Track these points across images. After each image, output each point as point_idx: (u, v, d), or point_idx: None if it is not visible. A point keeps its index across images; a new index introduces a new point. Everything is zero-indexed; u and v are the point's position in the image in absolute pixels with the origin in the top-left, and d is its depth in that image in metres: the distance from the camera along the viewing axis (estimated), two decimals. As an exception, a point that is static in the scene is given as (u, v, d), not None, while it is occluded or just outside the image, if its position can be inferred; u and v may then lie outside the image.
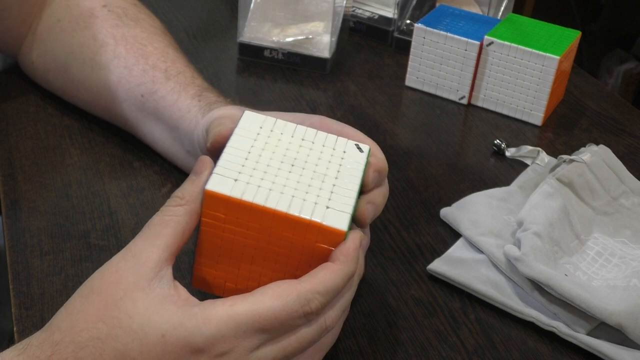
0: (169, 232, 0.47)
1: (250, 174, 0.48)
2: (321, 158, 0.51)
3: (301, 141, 0.52)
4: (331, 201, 0.48)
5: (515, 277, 0.62)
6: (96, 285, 0.46)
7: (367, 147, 0.53)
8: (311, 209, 0.47)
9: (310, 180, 0.49)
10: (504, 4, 1.01)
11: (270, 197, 0.47)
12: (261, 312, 0.44)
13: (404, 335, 0.58)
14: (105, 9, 0.75)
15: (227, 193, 0.47)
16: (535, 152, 0.79)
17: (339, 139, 0.53)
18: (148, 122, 0.70)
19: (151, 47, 0.72)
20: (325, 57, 0.93)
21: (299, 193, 0.48)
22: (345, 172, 0.51)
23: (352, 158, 0.52)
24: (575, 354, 0.58)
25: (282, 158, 0.50)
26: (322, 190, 0.49)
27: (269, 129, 0.52)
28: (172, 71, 0.70)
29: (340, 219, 0.48)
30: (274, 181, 0.48)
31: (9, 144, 0.75)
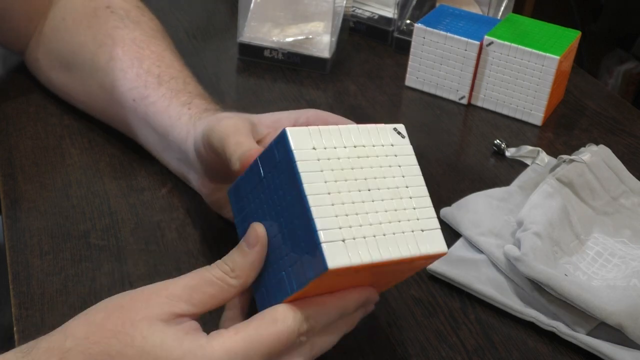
0: (211, 292, 0.47)
1: (348, 224, 0.46)
2: (382, 165, 0.49)
3: (354, 149, 0.49)
4: (420, 221, 0.49)
5: (515, 277, 0.62)
6: (120, 302, 0.46)
7: (402, 127, 0.52)
8: (415, 242, 0.48)
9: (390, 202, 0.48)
10: (504, 4, 1.01)
11: (381, 249, 0.46)
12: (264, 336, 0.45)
13: (404, 335, 0.58)
14: (108, 10, 0.76)
15: (347, 263, 0.45)
16: (535, 152, 0.79)
17: (378, 129, 0.51)
18: (140, 127, 0.70)
19: (148, 51, 0.72)
20: (325, 57, 0.93)
21: (395, 227, 0.47)
22: (408, 174, 0.50)
23: (402, 150, 0.51)
24: (575, 354, 0.58)
25: (355, 184, 0.48)
26: (406, 211, 0.49)
27: (321, 145, 0.48)
28: (165, 76, 0.70)
29: (438, 239, 0.49)
30: (369, 221, 0.47)
31: (9, 144, 0.75)
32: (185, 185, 0.70)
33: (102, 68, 0.73)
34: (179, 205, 0.69)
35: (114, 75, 0.71)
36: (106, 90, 0.72)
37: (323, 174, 0.47)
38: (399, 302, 0.61)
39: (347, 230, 0.46)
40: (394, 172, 0.50)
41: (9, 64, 0.88)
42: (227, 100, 0.86)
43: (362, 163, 0.49)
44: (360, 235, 0.46)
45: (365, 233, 0.46)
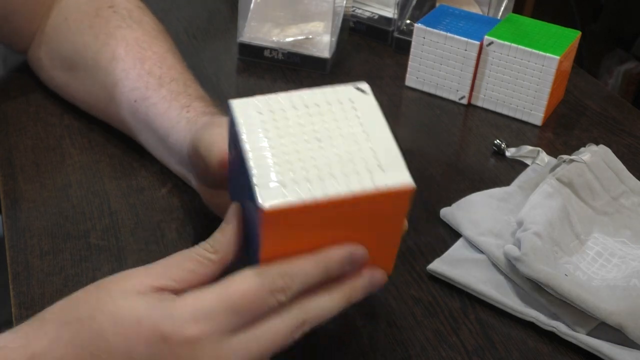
0: (190, 267, 0.47)
1: (290, 170, 0.45)
2: (337, 119, 0.48)
3: (306, 109, 0.48)
4: (380, 160, 0.46)
5: (515, 277, 0.62)
6: (102, 281, 0.47)
7: (366, 86, 0.50)
8: (370, 178, 0.45)
9: (345, 148, 0.46)
10: (504, 4, 1.01)
11: (328, 185, 0.44)
12: (228, 290, 0.44)
13: (404, 335, 0.58)
14: (111, 9, 0.76)
15: (287, 203, 0.43)
16: (535, 152, 0.79)
17: (337, 90, 0.50)
18: (141, 129, 0.70)
19: (150, 52, 0.72)
20: (325, 57, 0.93)
21: (346, 168, 0.45)
22: (369, 123, 0.48)
23: (363, 104, 0.49)
24: (575, 354, 0.58)
25: (303, 137, 0.47)
26: (363, 152, 0.46)
27: (268, 109, 0.48)
28: (166, 78, 0.69)
29: (402, 175, 0.45)
30: (316, 166, 0.45)
31: (9, 144, 0.75)
32: (185, 185, 0.70)
33: (104, 68, 0.73)
34: (179, 205, 0.69)
35: (115, 76, 0.71)
36: (108, 90, 0.72)
37: (267, 133, 0.47)
38: (399, 302, 0.61)
39: (288, 175, 0.44)
40: (350, 122, 0.48)
41: (9, 63, 0.88)
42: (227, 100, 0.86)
43: (314, 119, 0.48)
44: (303, 177, 0.44)
45: (309, 176, 0.45)
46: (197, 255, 0.48)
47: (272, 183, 0.44)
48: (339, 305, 0.48)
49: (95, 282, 0.47)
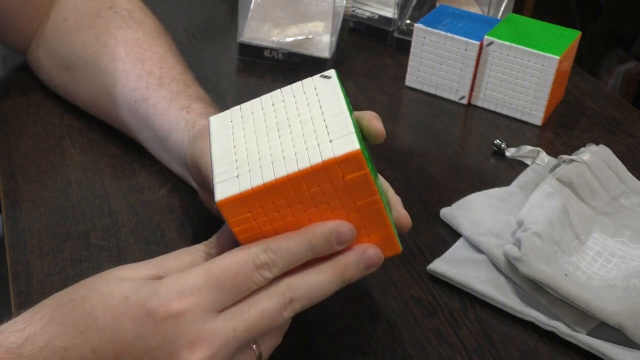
0: (186, 259, 0.48)
1: (247, 162, 0.47)
2: (299, 108, 0.49)
3: (273, 106, 0.50)
4: (330, 134, 0.46)
5: (515, 277, 0.62)
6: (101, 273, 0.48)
7: (333, 71, 0.51)
8: (317, 152, 0.45)
9: (301, 131, 0.47)
10: (504, 4, 1.01)
11: (277, 167, 0.45)
12: (212, 266, 0.45)
13: (404, 335, 0.58)
14: (112, 10, 0.76)
15: (237, 192, 0.45)
16: (535, 152, 0.79)
17: (304, 82, 0.51)
18: (141, 129, 0.70)
19: (150, 52, 0.72)
20: (325, 57, 0.93)
21: (299, 147, 0.46)
22: (327, 104, 0.49)
23: (325, 89, 0.50)
24: (575, 354, 0.58)
25: (266, 130, 0.48)
26: (317, 131, 0.47)
27: (239, 116, 0.51)
28: (166, 78, 0.70)
29: (348, 142, 0.45)
30: (272, 152, 0.46)
31: (9, 144, 0.75)
32: (185, 185, 0.70)
33: (104, 68, 0.73)
34: (179, 205, 0.69)
35: (116, 76, 0.71)
36: (108, 90, 0.72)
37: (232, 136, 0.49)
38: (399, 302, 0.61)
39: (243, 167, 0.46)
40: (311, 108, 0.49)
41: (9, 63, 0.88)
42: (227, 100, 0.86)
43: (277, 113, 0.49)
44: (257, 166, 0.46)
45: (263, 163, 0.46)
46: (196, 249, 0.49)
47: (229, 178, 0.46)
48: (330, 283, 0.48)
49: None
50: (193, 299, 0.44)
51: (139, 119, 0.69)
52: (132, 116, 0.70)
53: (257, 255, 0.45)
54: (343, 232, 0.48)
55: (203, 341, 0.44)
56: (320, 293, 0.47)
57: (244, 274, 0.45)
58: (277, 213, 0.47)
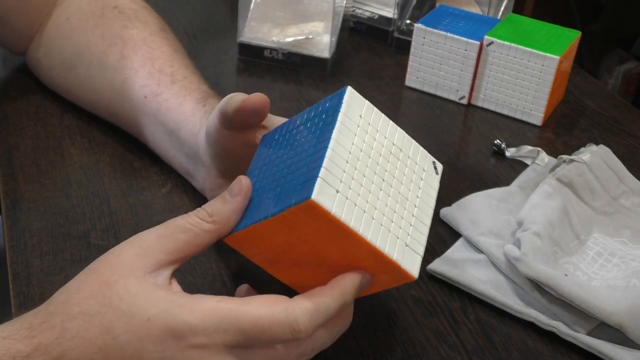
0: (184, 238, 0.48)
1: (349, 185, 0.46)
2: (406, 175, 0.50)
3: (392, 146, 0.50)
4: (410, 237, 0.48)
5: (515, 277, 0.62)
6: (96, 266, 0.48)
7: (440, 167, 0.53)
8: (394, 245, 0.47)
9: (396, 204, 0.48)
10: (504, 4, 1.01)
11: (364, 221, 0.46)
12: (245, 312, 0.45)
13: (404, 335, 0.58)
14: (116, 9, 0.76)
15: (329, 208, 0.44)
16: (535, 152, 0.79)
17: (421, 152, 0.52)
18: (148, 124, 0.70)
19: (159, 51, 0.72)
20: (325, 57, 0.93)
21: (386, 221, 0.47)
22: (423, 200, 0.50)
23: (429, 180, 0.52)
24: (575, 354, 0.58)
25: (376, 169, 0.48)
26: (404, 221, 0.48)
27: (368, 121, 0.49)
28: (178, 76, 0.70)
29: (414, 262, 0.48)
30: (368, 200, 0.46)
31: (9, 144, 0.75)
32: (186, 185, 0.70)
33: (111, 66, 0.73)
34: (179, 205, 0.69)
35: (125, 74, 0.72)
36: (114, 87, 0.72)
37: (355, 137, 0.48)
38: (399, 302, 0.61)
39: (345, 187, 0.46)
40: (412, 187, 0.50)
41: (9, 64, 0.88)
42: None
43: (391, 159, 0.50)
44: (354, 200, 0.46)
45: (358, 202, 0.46)
46: (192, 225, 0.48)
47: (331, 187, 0.45)
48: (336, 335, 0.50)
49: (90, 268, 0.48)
50: (218, 337, 0.44)
51: (148, 114, 0.70)
52: (139, 112, 0.71)
53: (295, 319, 0.45)
54: (367, 283, 0.49)
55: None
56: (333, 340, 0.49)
57: (272, 334, 0.45)
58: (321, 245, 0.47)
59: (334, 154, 0.46)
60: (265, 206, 0.47)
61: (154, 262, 0.47)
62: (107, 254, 0.48)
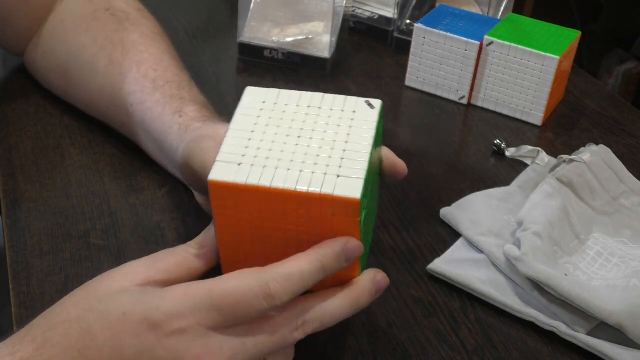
0: (173, 261, 0.48)
1: (254, 155, 0.46)
2: (329, 123, 0.49)
3: (307, 108, 0.49)
4: (342, 168, 0.46)
5: (515, 277, 0.62)
6: (87, 284, 0.48)
7: (378, 102, 0.50)
8: (320, 182, 0.45)
9: (318, 149, 0.47)
10: (504, 4, 1.01)
11: (277, 176, 0.45)
12: (216, 288, 0.44)
13: (404, 335, 0.58)
14: (108, 12, 0.75)
15: (231, 180, 0.45)
16: (535, 152, 0.79)
17: (348, 99, 0.50)
18: (139, 132, 0.70)
19: (147, 54, 0.72)
20: (325, 57, 0.93)
21: (307, 166, 0.46)
22: (356, 134, 0.48)
23: (363, 117, 0.49)
24: (575, 354, 0.58)
25: (287, 131, 0.48)
26: (332, 158, 0.46)
27: (273, 101, 0.50)
28: (160, 81, 0.69)
29: (353, 187, 0.45)
30: (281, 157, 0.46)
31: (9, 144, 0.75)
32: (185, 185, 0.70)
33: (101, 71, 0.73)
34: (179, 205, 0.69)
35: (113, 79, 0.71)
36: (105, 93, 0.72)
37: (257, 118, 0.49)
38: (399, 302, 0.61)
39: (249, 158, 0.46)
40: (339, 130, 0.48)
41: (9, 64, 0.88)
42: (227, 100, 0.86)
43: (307, 118, 0.49)
44: (261, 165, 0.46)
45: (268, 164, 0.46)
46: (182, 251, 0.49)
47: (231, 162, 0.46)
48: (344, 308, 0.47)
49: (80, 287, 0.48)
50: (194, 318, 0.44)
51: (136, 122, 0.69)
52: (129, 119, 0.70)
53: (266, 284, 0.44)
54: (351, 249, 0.47)
55: (210, 354, 0.44)
56: (334, 318, 0.47)
57: (246, 303, 0.44)
58: (259, 216, 0.46)
59: (233, 137, 0.48)
60: None
61: (141, 278, 0.46)
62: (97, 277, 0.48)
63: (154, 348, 0.44)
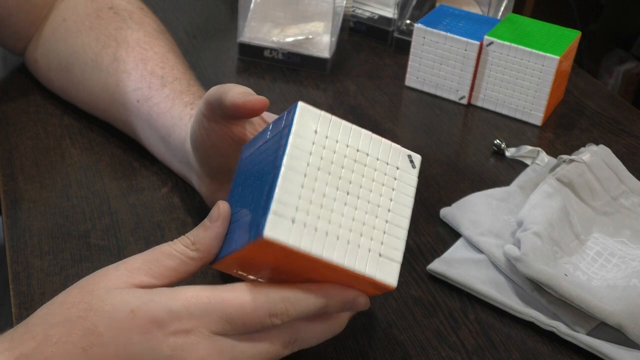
0: (171, 265, 0.48)
1: (306, 210, 0.45)
2: (375, 179, 0.48)
3: (357, 153, 0.48)
4: (383, 246, 0.47)
5: (515, 277, 0.62)
6: (80, 283, 0.48)
7: (418, 158, 0.50)
8: (365, 260, 0.46)
9: (365, 215, 0.47)
10: (504, 4, 1.01)
11: (327, 244, 0.45)
12: (228, 298, 0.45)
13: (404, 335, 0.58)
14: (111, 11, 0.76)
15: (285, 241, 0.43)
16: (535, 152, 0.79)
17: (392, 148, 0.49)
18: (143, 128, 0.70)
19: (152, 52, 0.72)
20: (325, 57, 0.93)
21: (354, 236, 0.46)
22: (398, 201, 0.48)
23: (404, 178, 0.49)
24: (575, 354, 0.58)
25: (337, 182, 0.46)
26: (376, 230, 0.47)
27: (324, 134, 0.47)
28: (168, 78, 0.70)
29: (391, 271, 0.47)
30: (330, 219, 0.45)
31: (9, 144, 0.75)
32: (185, 185, 0.70)
33: (105, 69, 0.73)
34: (179, 205, 0.69)
35: (117, 77, 0.71)
36: (109, 91, 0.72)
37: (310, 157, 0.46)
38: (399, 302, 0.61)
39: (302, 214, 0.44)
40: (384, 191, 0.48)
41: (9, 64, 0.88)
42: (227, 100, 0.86)
43: (356, 168, 0.47)
44: (313, 225, 0.45)
45: (319, 226, 0.45)
46: (178, 252, 0.48)
47: (285, 216, 0.44)
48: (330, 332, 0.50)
49: (74, 285, 0.48)
50: (203, 321, 0.45)
51: (142, 118, 0.69)
52: (134, 116, 0.70)
53: (275, 304, 0.45)
54: (359, 304, 0.49)
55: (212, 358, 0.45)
56: (317, 340, 0.50)
57: (256, 318, 0.45)
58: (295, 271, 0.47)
59: (287, 181, 0.45)
60: (237, 236, 0.47)
61: (137, 282, 0.47)
62: (94, 273, 0.48)
63: (160, 346, 0.44)
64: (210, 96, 0.55)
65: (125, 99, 0.71)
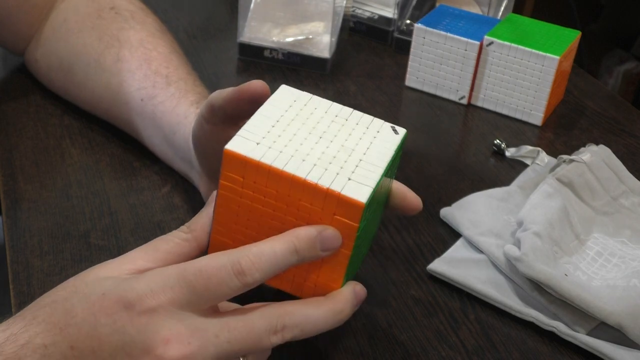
0: (165, 248, 0.48)
1: (274, 140, 0.47)
2: (352, 134, 0.49)
3: (335, 117, 0.50)
4: (354, 174, 0.46)
5: (515, 277, 0.62)
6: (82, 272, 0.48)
7: (403, 130, 0.51)
8: (331, 178, 0.45)
9: (336, 152, 0.47)
10: (504, 4, 1.01)
11: (290, 163, 0.46)
12: (188, 265, 0.45)
13: (404, 335, 0.58)
14: (113, 11, 0.76)
15: (246, 154, 0.45)
16: (535, 152, 0.79)
17: (375, 120, 0.51)
18: (146, 127, 0.70)
19: (155, 52, 0.72)
20: (325, 57, 0.93)
21: (321, 162, 0.46)
22: (375, 150, 0.49)
23: (385, 138, 0.50)
24: (575, 354, 0.58)
25: (310, 130, 0.49)
26: (347, 162, 0.47)
27: (303, 102, 0.51)
28: (173, 77, 0.70)
29: (361, 192, 0.45)
30: (298, 149, 0.47)
31: (9, 144, 0.75)
32: (186, 185, 0.70)
33: (108, 69, 0.73)
34: (179, 205, 0.69)
35: (121, 76, 0.71)
36: (112, 90, 0.72)
37: (284, 112, 0.49)
38: (399, 302, 0.61)
39: (269, 141, 0.47)
40: (360, 142, 0.49)
41: (9, 64, 0.88)
42: (227, 100, 0.86)
43: (332, 126, 0.50)
44: (278, 149, 0.46)
45: (285, 151, 0.46)
46: (173, 236, 0.49)
47: (250, 139, 0.47)
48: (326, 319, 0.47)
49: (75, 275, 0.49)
50: (165, 296, 0.44)
51: (145, 117, 0.70)
52: (137, 115, 0.71)
53: (237, 260, 0.44)
54: (328, 238, 0.46)
55: (179, 338, 0.43)
56: (316, 327, 0.47)
57: (217, 279, 0.44)
58: (262, 197, 0.47)
59: (258, 119, 0.48)
60: None
61: (133, 267, 0.47)
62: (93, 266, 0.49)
63: (126, 327, 0.44)
64: (213, 99, 0.55)
65: (128, 98, 0.71)
